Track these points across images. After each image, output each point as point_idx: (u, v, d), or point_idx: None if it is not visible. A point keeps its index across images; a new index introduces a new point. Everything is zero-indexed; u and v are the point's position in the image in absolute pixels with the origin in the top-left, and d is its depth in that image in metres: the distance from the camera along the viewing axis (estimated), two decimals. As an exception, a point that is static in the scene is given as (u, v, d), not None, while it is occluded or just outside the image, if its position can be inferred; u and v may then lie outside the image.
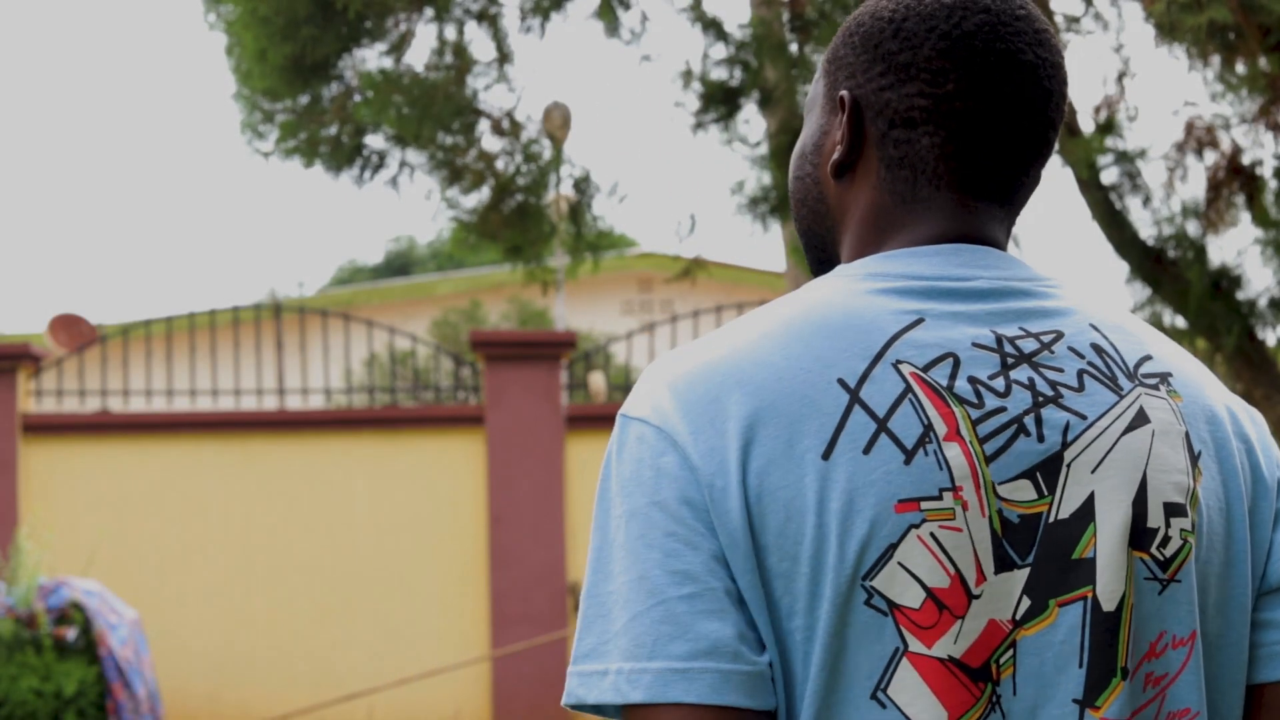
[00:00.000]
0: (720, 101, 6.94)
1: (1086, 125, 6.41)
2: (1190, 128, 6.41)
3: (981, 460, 1.24)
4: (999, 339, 1.30)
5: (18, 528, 10.18)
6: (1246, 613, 1.35)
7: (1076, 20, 6.41)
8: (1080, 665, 1.25)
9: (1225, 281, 6.38)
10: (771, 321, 1.30)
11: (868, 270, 1.33)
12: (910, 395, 1.25)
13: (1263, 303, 6.48)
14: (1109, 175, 6.49)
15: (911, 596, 1.22)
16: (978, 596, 1.23)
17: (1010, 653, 1.24)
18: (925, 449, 1.23)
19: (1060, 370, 1.29)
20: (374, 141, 7.18)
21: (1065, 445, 1.27)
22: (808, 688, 1.22)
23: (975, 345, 1.28)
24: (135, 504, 11.10)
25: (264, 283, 42.73)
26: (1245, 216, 6.42)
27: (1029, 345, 1.30)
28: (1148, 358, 1.35)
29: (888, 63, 1.36)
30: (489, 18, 7.16)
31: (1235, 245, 9.27)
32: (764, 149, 7.18)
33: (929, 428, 1.24)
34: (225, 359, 13.28)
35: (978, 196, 1.37)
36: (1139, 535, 1.27)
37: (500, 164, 7.31)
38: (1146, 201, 6.52)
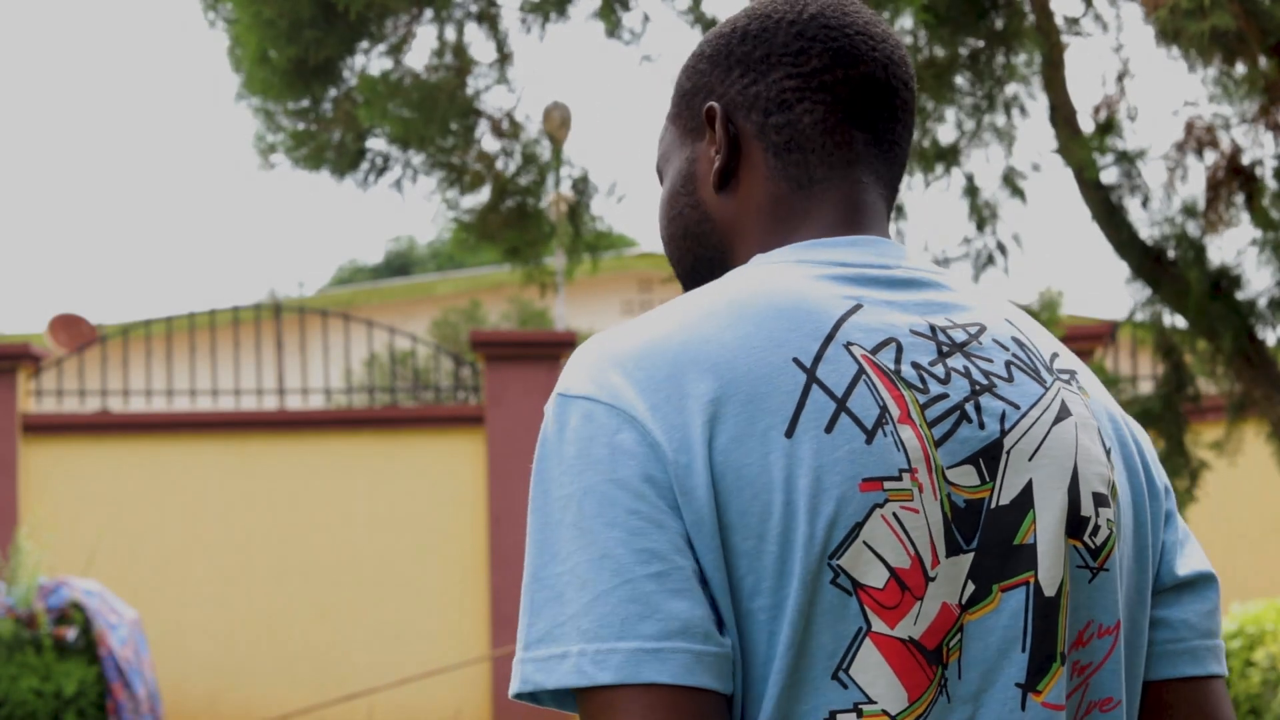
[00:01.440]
0: (720, 102, 6.93)
1: (1086, 125, 6.41)
2: (1190, 128, 6.41)
3: (931, 444, 1.25)
4: (933, 328, 1.30)
5: (18, 528, 10.18)
6: (1147, 607, 1.38)
7: (1076, 21, 6.41)
8: (1023, 650, 1.25)
9: (1225, 282, 6.38)
10: (716, 301, 1.28)
11: (797, 257, 1.33)
12: (865, 377, 1.25)
13: (1262, 303, 6.48)
14: (1109, 175, 6.49)
15: (875, 576, 1.21)
16: (933, 579, 1.23)
17: (958, 637, 1.24)
18: (884, 430, 1.23)
19: (990, 360, 1.30)
20: (377, 145, 7.18)
21: (1004, 433, 1.28)
22: (772, 667, 1.21)
23: (913, 332, 1.29)
24: (135, 504, 11.10)
25: (264, 283, 42.76)
26: (1245, 217, 6.42)
27: (959, 335, 1.31)
28: (1056, 355, 1.37)
29: (745, 64, 1.39)
30: (489, 18, 7.16)
31: (1235, 245, 9.26)
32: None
33: (885, 409, 1.24)
34: (225, 359, 13.28)
35: (868, 173, 1.40)
36: (1074, 523, 1.29)
37: (500, 164, 7.31)
38: (1146, 202, 6.52)
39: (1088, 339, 10.74)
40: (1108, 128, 6.38)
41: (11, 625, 8.68)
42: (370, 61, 7.07)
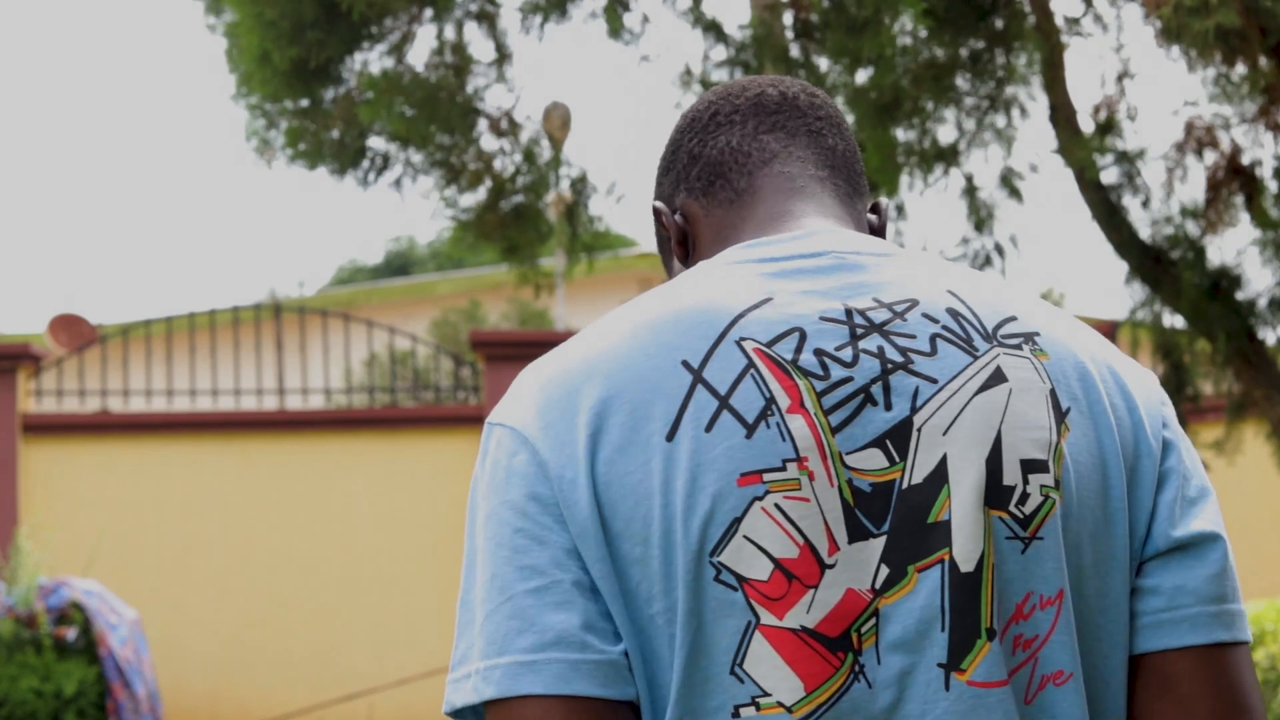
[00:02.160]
0: (720, 102, 6.94)
1: (1086, 125, 6.41)
2: (1190, 128, 6.41)
3: (827, 431, 1.24)
4: (849, 311, 1.30)
5: (18, 528, 10.18)
6: (1126, 573, 1.32)
7: (1076, 21, 6.42)
8: (943, 629, 1.24)
9: (1225, 282, 6.38)
10: (627, 317, 1.32)
11: (726, 259, 1.37)
12: (752, 370, 1.26)
13: (1262, 303, 6.48)
14: (1109, 175, 6.49)
15: (759, 569, 1.22)
16: (831, 566, 1.23)
17: (873, 621, 1.23)
18: (767, 421, 1.24)
19: (912, 336, 1.29)
20: (377, 143, 7.18)
21: (915, 410, 1.26)
22: (674, 669, 1.22)
23: (823, 319, 1.29)
24: (135, 504, 11.10)
25: (264, 283, 42.74)
26: (1245, 217, 6.42)
27: (880, 315, 1.30)
28: (1010, 319, 1.34)
29: (666, 166, 1.51)
30: (488, 18, 7.16)
31: (1235, 246, 9.26)
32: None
33: (771, 400, 1.25)
34: (225, 359, 13.28)
35: (791, 162, 1.44)
36: (995, 493, 1.26)
37: (499, 164, 7.31)
38: (1146, 202, 6.52)
39: (1087, 339, 10.74)
40: (1108, 128, 6.38)
41: (11, 625, 8.68)
42: (371, 61, 7.07)
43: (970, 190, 6.74)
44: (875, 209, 1.51)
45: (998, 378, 1.29)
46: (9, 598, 8.81)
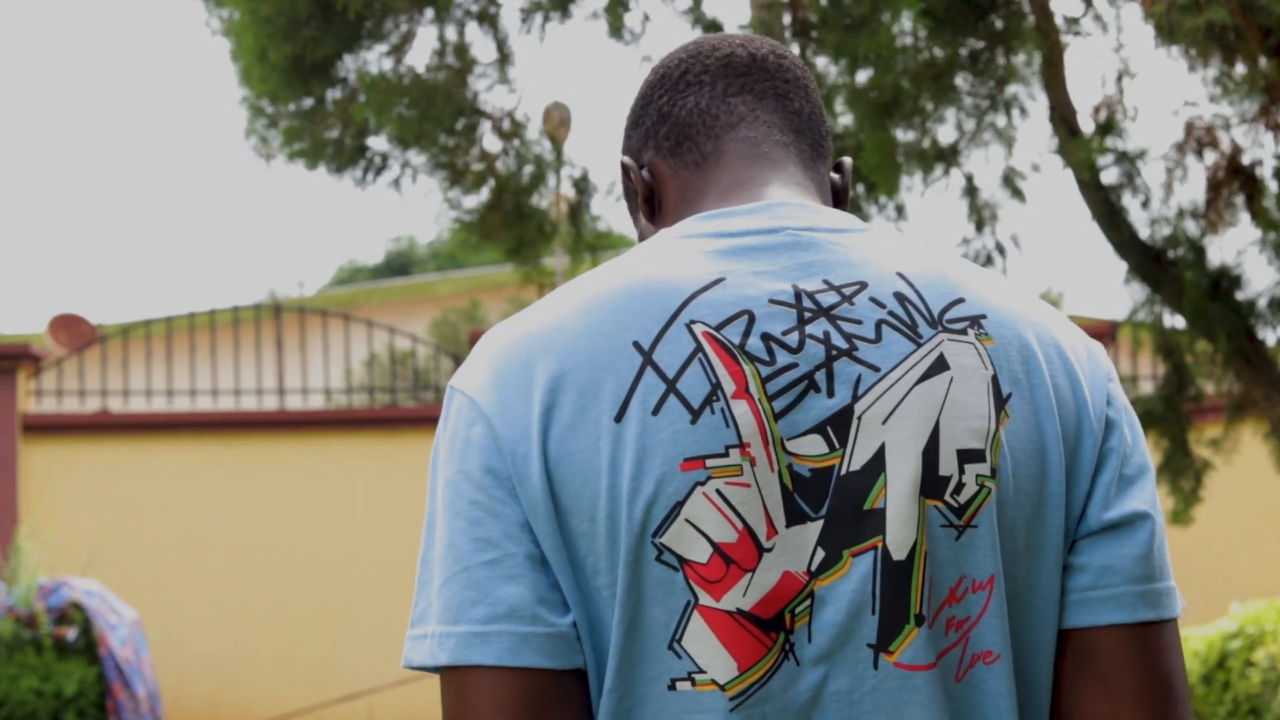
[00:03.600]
0: (721, 102, 6.93)
1: (1086, 126, 6.41)
2: (1190, 128, 6.41)
3: (770, 417, 1.27)
4: (798, 293, 1.32)
5: (17, 528, 10.18)
6: (1059, 554, 1.34)
7: (1076, 21, 6.41)
8: (873, 612, 1.27)
9: (1225, 282, 6.38)
10: (583, 290, 1.35)
11: (683, 231, 1.38)
12: (700, 354, 1.28)
13: (1262, 303, 6.47)
14: (1109, 176, 6.49)
15: (699, 552, 1.26)
16: (769, 549, 1.26)
17: (808, 602, 1.27)
18: (712, 407, 1.27)
19: (858, 322, 1.31)
20: (376, 143, 7.18)
21: (856, 398, 1.29)
22: (612, 641, 1.27)
23: (772, 301, 1.31)
24: (135, 504, 11.10)
25: (264, 283, 42.74)
26: (1245, 217, 6.42)
27: (829, 299, 1.32)
28: (958, 301, 1.35)
29: (634, 120, 1.51)
30: (489, 18, 7.16)
31: (1235, 246, 9.26)
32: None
33: (717, 386, 1.27)
34: (225, 359, 13.28)
35: (757, 126, 1.45)
36: (931, 484, 1.29)
37: (500, 164, 7.31)
38: (1146, 202, 6.52)
39: (1088, 339, 10.73)
40: (1108, 128, 6.38)
41: (11, 625, 8.67)
42: (371, 62, 7.07)
43: (971, 190, 6.74)
44: (838, 168, 1.52)
45: (939, 366, 1.31)
46: (9, 598, 8.81)
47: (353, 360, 15.06)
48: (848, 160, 1.53)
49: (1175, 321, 6.78)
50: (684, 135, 1.46)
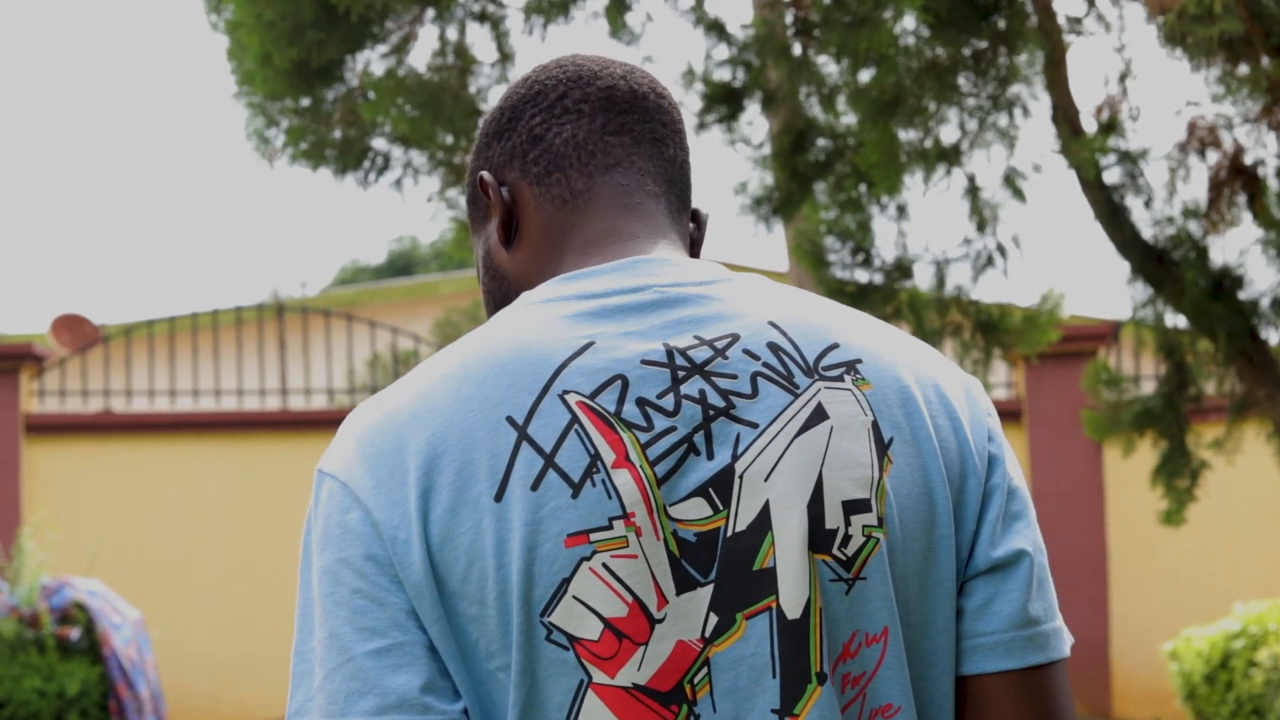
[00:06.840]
0: (723, 102, 6.95)
1: (1089, 125, 6.41)
2: (1192, 128, 6.40)
3: (653, 484, 1.24)
4: (670, 352, 1.29)
5: (20, 528, 10.18)
6: (952, 597, 1.33)
7: (1078, 21, 6.41)
8: (774, 675, 1.24)
9: (1227, 282, 6.38)
10: (449, 363, 1.30)
11: (546, 295, 1.34)
12: (577, 426, 1.25)
13: (1265, 303, 6.47)
14: (1111, 175, 6.48)
15: (590, 629, 1.23)
16: (660, 620, 1.24)
17: (705, 670, 1.24)
18: (593, 479, 1.24)
19: (734, 377, 1.28)
20: (379, 144, 7.19)
21: (736, 458, 1.26)
22: None
23: (644, 362, 1.28)
24: (138, 504, 11.11)
25: (267, 282, 42.74)
26: (1247, 217, 6.41)
27: (701, 354, 1.29)
28: (833, 347, 1.33)
29: (497, 131, 1.44)
30: (491, 19, 7.16)
31: (1237, 245, 9.26)
32: (767, 150, 7.19)
33: (596, 456, 1.24)
34: (228, 359, 13.29)
35: (631, 173, 1.41)
36: (818, 538, 1.26)
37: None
38: (1148, 202, 6.52)
39: (1090, 339, 10.73)
40: (1110, 128, 6.38)
41: (14, 625, 8.68)
42: (372, 62, 7.07)
43: (973, 190, 6.74)
44: (695, 218, 1.48)
45: (819, 415, 1.29)
46: (12, 598, 8.82)
47: (355, 360, 15.07)
48: (705, 212, 1.49)
49: (1177, 322, 6.78)
50: (555, 165, 1.41)
